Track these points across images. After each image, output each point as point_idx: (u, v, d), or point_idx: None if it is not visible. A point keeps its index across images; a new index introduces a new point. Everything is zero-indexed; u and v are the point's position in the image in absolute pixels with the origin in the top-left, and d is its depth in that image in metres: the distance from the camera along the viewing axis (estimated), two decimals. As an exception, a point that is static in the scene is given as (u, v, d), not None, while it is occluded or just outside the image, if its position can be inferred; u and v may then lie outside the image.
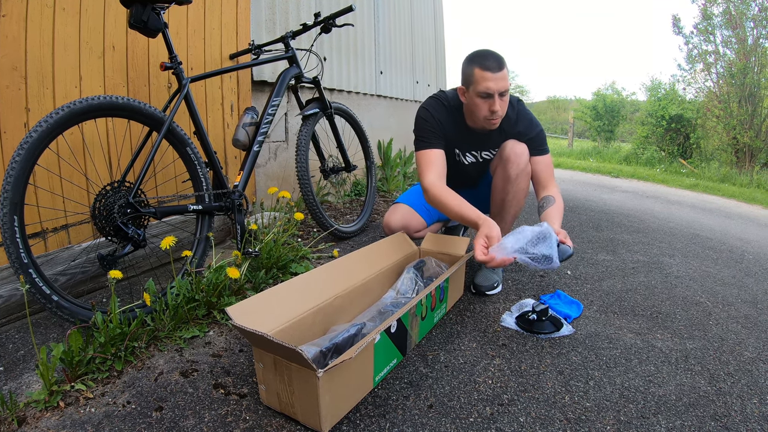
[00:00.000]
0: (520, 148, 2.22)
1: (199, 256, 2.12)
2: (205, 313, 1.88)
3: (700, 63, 10.53)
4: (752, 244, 3.86)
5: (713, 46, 10.16)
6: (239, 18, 2.87)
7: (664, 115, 11.11)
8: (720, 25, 9.93)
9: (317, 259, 2.63)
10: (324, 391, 1.21)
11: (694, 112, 10.89)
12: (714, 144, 10.49)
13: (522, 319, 1.99)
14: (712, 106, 10.17)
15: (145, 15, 1.95)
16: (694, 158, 10.58)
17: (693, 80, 11.06)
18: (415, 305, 1.67)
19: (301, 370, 1.22)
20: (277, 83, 2.57)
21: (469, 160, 2.46)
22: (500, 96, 2.08)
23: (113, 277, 1.59)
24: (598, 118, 14.80)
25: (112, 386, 1.46)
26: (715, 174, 8.84)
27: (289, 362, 1.24)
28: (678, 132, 11.03)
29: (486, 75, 2.05)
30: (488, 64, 2.05)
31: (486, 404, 1.48)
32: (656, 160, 10.78)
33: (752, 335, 2.08)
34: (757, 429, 1.43)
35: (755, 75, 9.17)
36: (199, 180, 2.16)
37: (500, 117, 2.16)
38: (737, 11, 9.46)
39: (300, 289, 1.66)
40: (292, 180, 3.58)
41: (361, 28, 4.57)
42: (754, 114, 9.25)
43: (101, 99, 1.76)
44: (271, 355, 1.28)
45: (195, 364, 1.62)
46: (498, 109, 2.09)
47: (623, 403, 1.52)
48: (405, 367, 1.66)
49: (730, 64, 9.67)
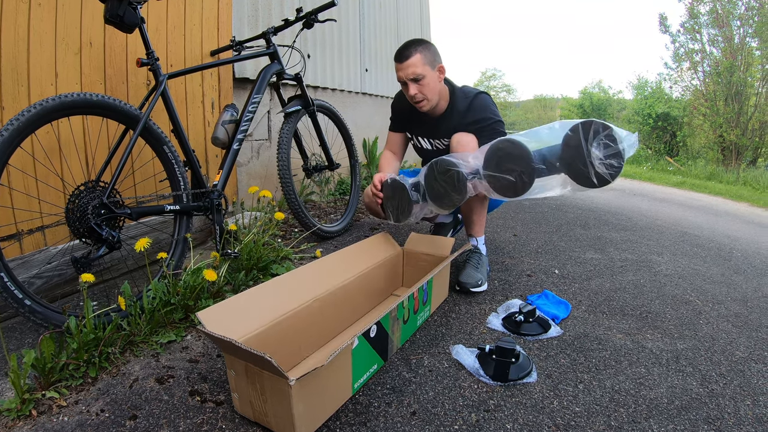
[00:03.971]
0: (465, 139, 2.28)
1: (177, 257, 2.06)
2: (182, 316, 1.83)
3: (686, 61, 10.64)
4: (740, 241, 3.86)
5: (700, 44, 10.26)
6: (221, 13, 2.82)
7: (650, 113, 11.19)
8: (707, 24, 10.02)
9: (299, 259, 2.57)
10: (297, 399, 1.15)
11: (680, 110, 10.98)
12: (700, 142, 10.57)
13: (509, 321, 1.95)
14: (699, 104, 10.25)
15: (122, 9, 1.90)
16: (681, 156, 10.65)
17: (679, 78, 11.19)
18: (396, 308, 1.61)
19: (273, 378, 1.16)
20: (257, 80, 2.52)
21: (426, 146, 2.58)
22: (414, 81, 2.25)
23: (85, 281, 1.53)
24: (585, 116, 14.87)
25: (86, 393, 1.42)
26: (701, 171, 8.89)
27: (260, 370, 1.18)
28: (664, 130, 11.10)
29: (396, 65, 2.29)
30: (397, 55, 2.27)
31: (471, 410, 1.43)
32: (643, 158, 10.85)
33: (743, 334, 2.05)
34: None
35: (741, 73, 9.24)
36: (177, 179, 2.10)
37: (421, 101, 2.31)
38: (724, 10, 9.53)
39: (276, 292, 1.60)
40: (275, 179, 3.52)
41: (346, 25, 4.52)
42: (740, 112, 9.32)
43: (75, 96, 1.70)
44: (243, 362, 1.22)
45: (171, 370, 1.57)
46: (413, 93, 2.27)
47: (614, 407, 1.48)
48: (387, 372, 1.61)
49: (716, 62, 9.74)
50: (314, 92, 4.08)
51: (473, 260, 2.36)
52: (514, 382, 1.57)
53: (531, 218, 4.00)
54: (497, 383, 1.56)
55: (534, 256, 2.94)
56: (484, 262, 2.38)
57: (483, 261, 2.37)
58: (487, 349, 1.62)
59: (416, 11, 6.49)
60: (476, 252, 2.39)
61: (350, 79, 4.69)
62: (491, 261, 2.74)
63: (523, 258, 2.88)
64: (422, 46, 2.25)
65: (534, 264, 2.78)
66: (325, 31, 4.11)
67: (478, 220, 2.41)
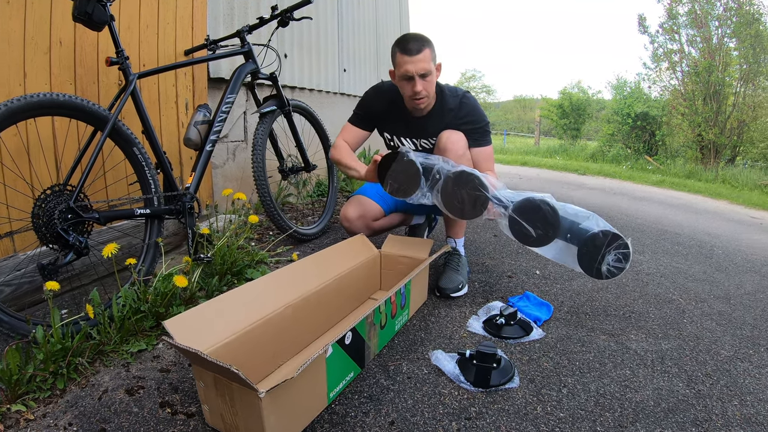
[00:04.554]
0: (455, 136, 2.23)
1: (148, 263, 2.00)
2: (153, 324, 1.78)
3: (665, 61, 10.72)
4: (721, 238, 3.88)
5: (678, 45, 10.34)
6: (195, 12, 2.75)
7: (629, 112, 11.27)
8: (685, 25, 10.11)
9: (276, 263, 2.52)
10: (268, 412, 1.10)
11: (659, 109, 11.08)
12: (679, 141, 10.68)
13: (489, 324, 1.92)
14: (678, 103, 10.35)
15: (90, 7, 1.86)
16: (660, 155, 10.74)
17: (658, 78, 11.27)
18: (372, 313, 1.57)
19: (243, 390, 1.11)
20: (231, 80, 2.47)
21: (408, 146, 2.45)
22: (422, 77, 2.15)
23: (50, 289, 1.47)
24: (565, 116, 14.98)
25: (54, 406, 1.37)
26: (680, 170, 8.97)
27: (229, 381, 1.13)
28: (644, 129, 11.19)
29: (405, 58, 2.14)
30: (406, 47, 2.13)
31: (452, 419, 1.39)
32: (622, 158, 10.93)
33: (727, 332, 2.05)
34: None
35: (720, 73, 9.34)
36: (147, 182, 2.04)
37: (424, 98, 2.22)
38: (702, 11, 9.64)
39: (248, 299, 1.55)
40: (252, 181, 3.45)
41: (324, 25, 4.47)
42: (718, 111, 9.42)
43: (41, 96, 1.65)
44: (212, 373, 1.17)
45: (142, 380, 1.52)
46: (420, 90, 2.16)
47: (599, 411, 1.45)
48: (365, 379, 1.56)
49: (695, 62, 9.84)
50: (291, 93, 4.03)
51: (453, 263, 2.33)
52: (496, 388, 1.54)
53: (513, 218, 3.97)
54: (478, 389, 1.53)
55: (514, 256, 2.92)
56: (464, 264, 2.35)
57: (463, 263, 2.34)
58: (467, 354, 1.58)
59: (395, 11, 6.46)
60: (455, 254, 2.36)
61: (328, 80, 4.63)
62: (471, 262, 2.72)
63: (503, 259, 2.86)
64: (428, 41, 2.18)
65: (515, 265, 2.76)
66: (302, 30, 4.05)
67: (459, 221, 2.38)
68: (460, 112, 2.30)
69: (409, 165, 2.05)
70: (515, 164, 10.51)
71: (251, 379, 1.04)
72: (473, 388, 1.53)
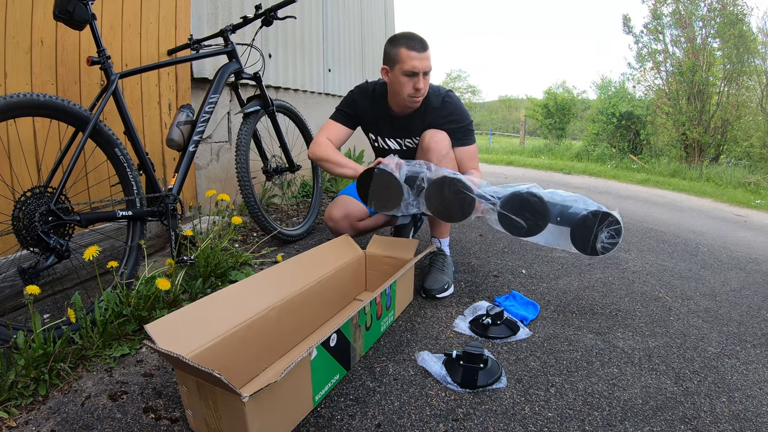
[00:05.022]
0: (439, 136, 2.25)
1: (131, 266, 1.97)
2: (136, 328, 1.76)
3: (649, 61, 10.79)
4: (705, 236, 3.91)
5: (663, 45, 10.41)
6: (179, 11, 2.72)
7: (614, 112, 11.34)
8: (669, 25, 10.19)
9: (260, 265, 2.50)
10: (252, 416, 1.08)
11: (643, 109, 11.16)
12: (663, 140, 10.75)
13: (476, 324, 1.92)
14: (662, 103, 10.42)
15: (71, 5, 1.83)
16: (644, 154, 10.82)
17: (643, 78, 11.34)
18: (357, 314, 1.56)
19: (226, 395, 1.09)
20: (214, 79, 2.44)
21: (393, 146, 2.48)
22: (424, 75, 2.18)
23: (30, 293, 1.46)
24: (550, 116, 15.04)
25: (36, 413, 1.35)
26: (665, 169, 9.05)
27: (212, 386, 1.11)
28: (628, 129, 11.26)
29: (412, 54, 2.14)
30: (414, 44, 2.15)
31: (439, 420, 1.38)
32: (607, 157, 11.00)
33: (714, 329, 2.06)
34: (728, 429, 1.39)
35: (703, 73, 9.43)
36: (129, 183, 2.01)
37: (423, 95, 2.24)
38: (686, 11, 9.71)
39: (232, 301, 1.52)
40: (236, 182, 3.43)
41: (308, 25, 4.44)
42: (702, 110, 9.51)
43: (20, 97, 1.61)
44: (194, 378, 1.15)
45: (125, 385, 1.50)
46: (422, 87, 2.18)
47: (587, 410, 1.45)
48: (350, 381, 1.55)
49: (679, 62, 9.91)
50: (276, 93, 4.00)
51: (438, 263, 2.32)
52: (483, 389, 1.53)
53: (499, 218, 3.98)
54: (466, 390, 1.52)
55: (500, 255, 2.92)
56: (450, 264, 2.34)
57: (448, 263, 2.34)
58: (454, 355, 1.57)
59: (380, 11, 6.44)
60: (441, 254, 2.36)
61: (313, 80, 4.61)
62: (457, 262, 2.71)
63: (489, 258, 2.86)
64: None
65: (501, 264, 2.76)
66: (287, 30, 4.03)
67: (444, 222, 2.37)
68: (444, 111, 2.31)
69: (389, 179, 2.05)
70: (501, 164, 10.57)
71: (235, 383, 1.02)
72: (460, 389, 1.52)
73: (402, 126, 2.39)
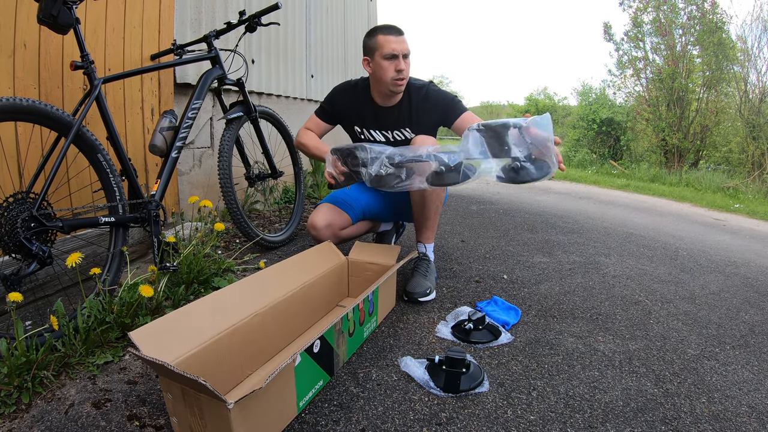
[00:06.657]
0: (428, 141, 2.25)
1: (113, 272, 1.96)
2: (119, 335, 1.74)
3: (630, 68, 10.92)
4: (685, 240, 3.97)
5: (643, 52, 10.55)
6: (162, 16, 2.72)
7: (595, 118, 11.47)
8: (650, 33, 10.32)
9: (243, 271, 2.50)
10: (237, 423, 1.09)
11: (624, 115, 11.31)
12: (644, 146, 10.89)
13: (458, 329, 1.93)
14: (642, 109, 10.57)
15: (56, 9, 1.81)
16: (625, 160, 10.96)
17: (623, 85, 11.49)
18: (340, 321, 1.57)
19: (211, 402, 1.10)
20: (197, 85, 2.44)
21: (379, 138, 2.50)
22: (404, 58, 2.26)
23: (12, 300, 1.44)
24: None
25: (19, 422, 1.33)
26: (645, 174, 9.17)
27: (197, 393, 1.12)
28: (609, 135, 11.40)
29: (390, 38, 2.25)
30: (390, 30, 2.27)
31: (423, 425, 1.39)
32: (588, 162, 11.12)
33: (693, 332, 2.10)
34: (708, 429, 1.42)
35: (683, 80, 9.58)
36: (112, 189, 1.99)
37: (406, 78, 2.30)
38: (666, 19, 9.86)
39: (215, 308, 1.52)
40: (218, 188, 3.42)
41: (292, 31, 4.45)
42: (682, 117, 9.66)
43: (3, 101, 1.60)
44: (179, 385, 1.15)
45: (109, 393, 1.49)
46: (403, 68, 2.26)
47: (569, 413, 1.47)
48: (334, 387, 1.56)
49: (659, 69, 10.06)
50: (258, 99, 4.00)
51: (422, 268, 2.34)
52: (466, 393, 1.55)
53: (479, 223, 4.02)
54: (448, 395, 1.53)
55: (482, 261, 2.94)
56: (433, 270, 2.36)
57: (431, 268, 2.36)
58: (436, 360, 1.59)
59: (364, 17, 6.48)
60: (424, 259, 2.37)
61: (295, 86, 4.62)
62: (439, 268, 2.72)
63: (471, 264, 2.88)
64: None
65: (482, 270, 2.78)
66: (270, 36, 4.03)
67: (431, 226, 2.40)
68: (428, 96, 2.38)
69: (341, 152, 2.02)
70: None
71: (219, 389, 1.03)
72: (443, 394, 1.54)
73: (388, 117, 2.43)
